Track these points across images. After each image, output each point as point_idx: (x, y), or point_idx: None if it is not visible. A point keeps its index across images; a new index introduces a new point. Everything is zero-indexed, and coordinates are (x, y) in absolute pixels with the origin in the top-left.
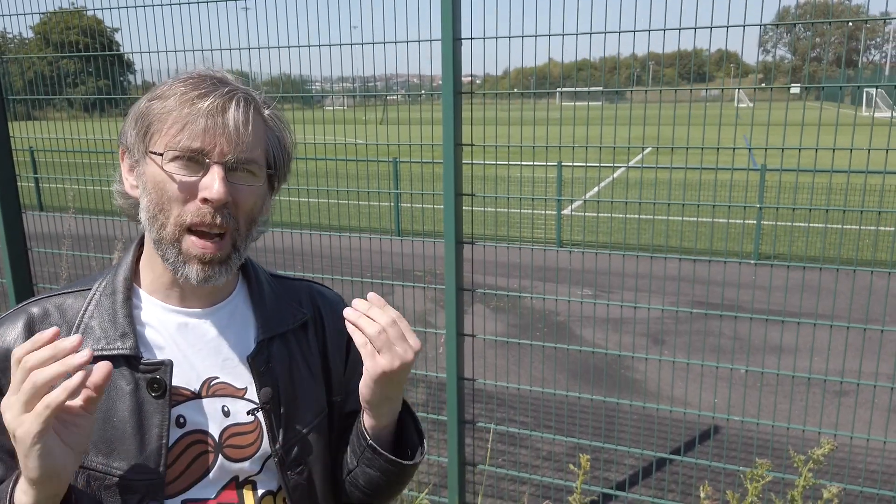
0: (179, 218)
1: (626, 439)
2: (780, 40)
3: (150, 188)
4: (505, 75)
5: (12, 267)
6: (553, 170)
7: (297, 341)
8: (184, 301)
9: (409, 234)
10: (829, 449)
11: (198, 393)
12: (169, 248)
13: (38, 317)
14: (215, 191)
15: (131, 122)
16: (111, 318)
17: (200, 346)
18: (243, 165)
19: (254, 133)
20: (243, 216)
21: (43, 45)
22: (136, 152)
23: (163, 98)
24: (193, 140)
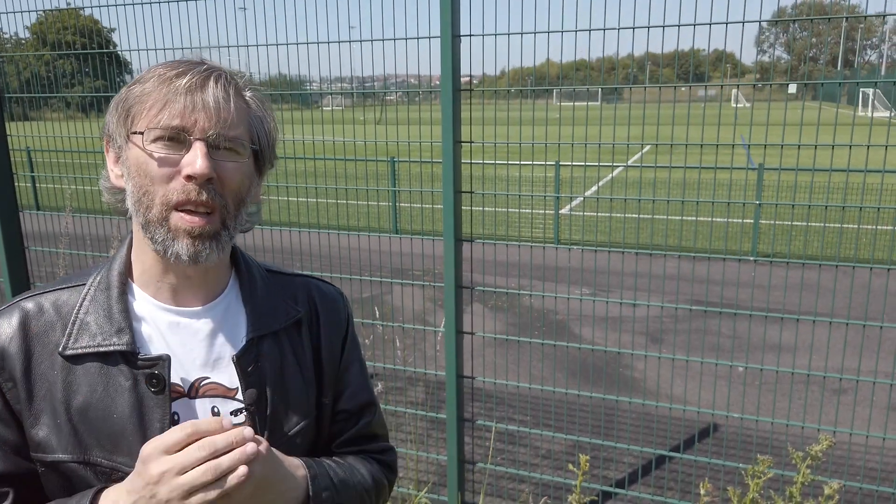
0: (165, 197)
1: (625, 437)
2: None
3: (133, 172)
4: (502, 75)
5: (9, 266)
6: (551, 170)
7: (290, 340)
8: (175, 297)
9: (407, 233)
10: (826, 445)
11: (188, 392)
12: (157, 228)
13: (33, 312)
14: (198, 166)
15: (112, 110)
16: (107, 314)
17: (192, 345)
18: (226, 142)
19: (235, 110)
20: (230, 194)
21: (39, 44)
22: (119, 138)
23: (141, 82)
24: (173, 118)
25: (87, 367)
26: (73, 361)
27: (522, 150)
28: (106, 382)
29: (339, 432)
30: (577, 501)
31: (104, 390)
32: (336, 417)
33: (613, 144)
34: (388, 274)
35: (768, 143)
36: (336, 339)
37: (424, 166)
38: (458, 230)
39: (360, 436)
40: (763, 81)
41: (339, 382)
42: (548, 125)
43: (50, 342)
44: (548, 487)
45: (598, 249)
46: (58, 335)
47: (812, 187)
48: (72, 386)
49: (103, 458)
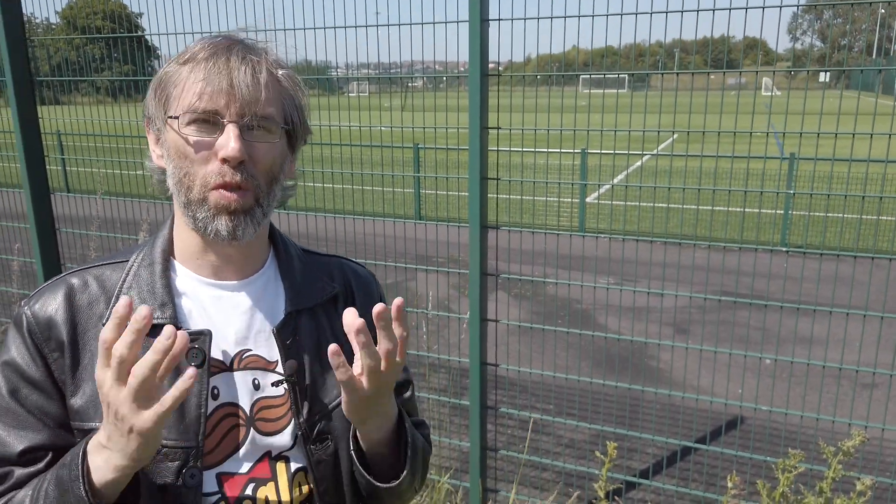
0: (204, 179)
1: (649, 428)
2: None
3: (172, 154)
4: (528, 62)
5: (41, 247)
6: (578, 157)
7: (327, 315)
8: (216, 273)
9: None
10: (859, 441)
11: (230, 365)
12: (198, 207)
13: (78, 287)
14: (231, 149)
15: (151, 92)
16: (150, 289)
17: (233, 318)
18: (258, 123)
19: (267, 91)
20: (262, 173)
21: (69, 29)
22: (158, 121)
23: (178, 64)
24: (206, 101)
25: None
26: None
27: (549, 138)
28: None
29: None
30: (602, 489)
31: None
32: None
33: (643, 132)
34: (412, 260)
35: (802, 132)
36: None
37: (449, 153)
38: (484, 217)
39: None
40: (800, 68)
41: None
42: (576, 112)
43: (94, 314)
44: (570, 476)
45: (625, 238)
46: (102, 308)
47: (849, 177)
48: None
49: None
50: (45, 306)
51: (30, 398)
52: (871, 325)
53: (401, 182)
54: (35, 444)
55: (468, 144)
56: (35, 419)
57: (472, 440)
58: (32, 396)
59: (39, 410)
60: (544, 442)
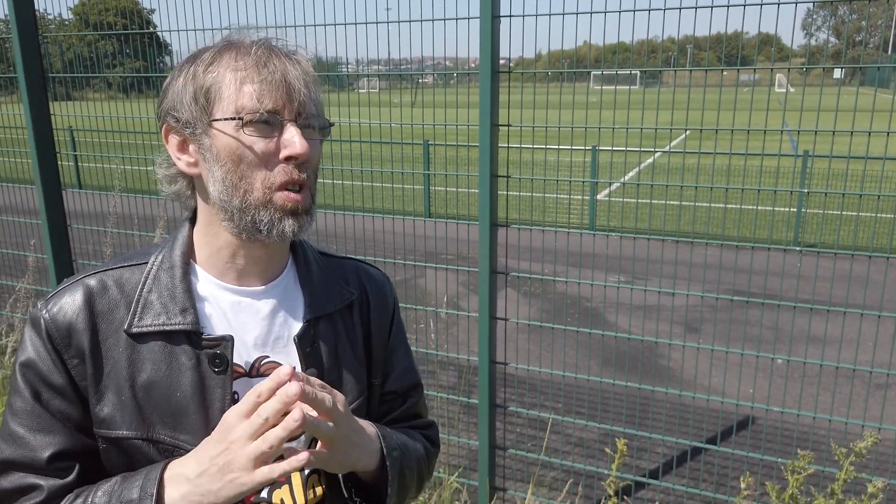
0: (268, 180)
1: (659, 427)
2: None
3: (223, 158)
4: (539, 58)
5: (52, 243)
6: (588, 155)
7: (343, 322)
8: (239, 279)
9: (440, 217)
10: (872, 442)
11: (248, 371)
12: (260, 210)
13: (97, 291)
14: (299, 146)
15: (185, 97)
16: (170, 293)
17: (253, 324)
18: (309, 121)
19: (310, 88)
20: (312, 169)
21: (82, 25)
22: (198, 125)
23: (216, 65)
24: (265, 102)
25: (150, 345)
26: (138, 339)
27: (560, 134)
28: (169, 361)
29: (386, 412)
30: (612, 486)
31: (168, 368)
32: (384, 398)
33: (656, 129)
34: (422, 258)
35: (817, 129)
36: (384, 322)
37: (459, 150)
38: (494, 215)
39: (408, 415)
40: (814, 65)
41: (387, 364)
42: (587, 109)
43: (115, 320)
44: (579, 475)
45: (636, 236)
46: (122, 313)
47: (865, 175)
48: (136, 363)
49: (166, 436)
50: (63, 311)
51: (52, 402)
52: (885, 326)
53: (410, 179)
54: (62, 448)
55: (478, 141)
56: (59, 423)
57: (480, 438)
58: (55, 401)
59: (62, 414)
60: (553, 441)
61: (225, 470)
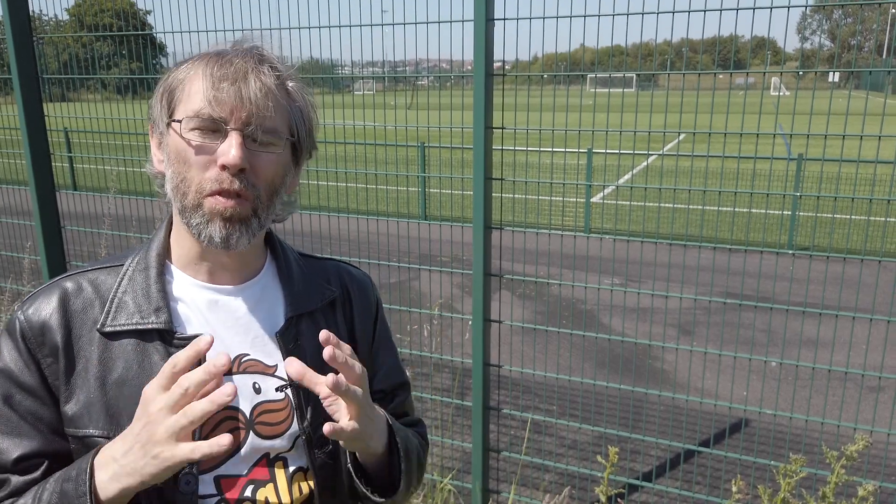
0: (200, 185)
1: (653, 430)
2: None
3: (172, 158)
4: (535, 61)
5: (46, 244)
6: (583, 157)
7: (326, 320)
8: (213, 277)
9: (435, 219)
10: (863, 445)
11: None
12: (193, 213)
13: (73, 292)
14: (231, 156)
15: (157, 96)
16: (145, 293)
17: (231, 322)
18: (263, 134)
19: (274, 102)
20: (264, 184)
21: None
22: (161, 124)
23: (186, 69)
24: (212, 108)
25: (123, 343)
26: (111, 338)
27: (555, 137)
28: (141, 360)
29: None
30: (604, 493)
31: (139, 367)
32: (372, 397)
33: (649, 132)
34: (416, 260)
35: (809, 133)
36: (367, 321)
37: (454, 152)
38: (488, 217)
39: (396, 414)
40: (808, 69)
41: (373, 363)
42: (581, 112)
43: (88, 319)
44: (573, 478)
45: (630, 239)
46: (96, 313)
47: (857, 178)
48: (108, 362)
49: None
50: (38, 311)
51: (23, 404)
52: (877, 329)
53: (406, 181)
54: (30, 450)
55: (472, 144)
56: (29, 426)
57: (474, 441)
58: (26, 402)
59: (33, 416)
60: (547, 443)
61: (147, 446)
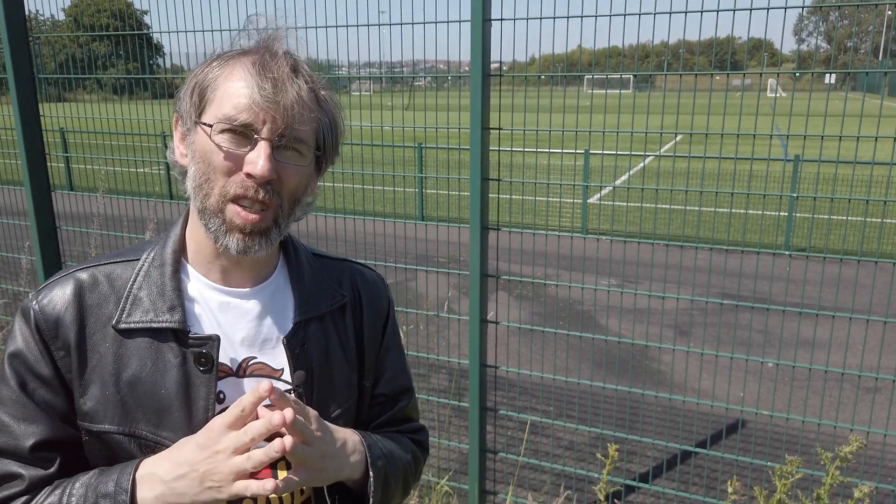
0: (224, 189)
1: (650, 431)
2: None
3: (197, 157)
4: (532, 62)
5: (41, 244)
6: (580, 158)
7: (335, 323)
8: (226, 278)
9: (432, 220)
10: (857, 446)
11: (236, 371)
12: (212, 217)
13: (88, 285)
14: (259, 167)
15: (187, 91)
16: (160, 291)
17: (241, 325)
18: (291, 144)
19: (306, 113)
20: (287, 194)
21: (74, 26)
22: (188, 121)
23: (220, 68)
24: (243, 114)
25: (137, 341)
26: (125, 335)
27: (552, 138)
28: (155, 358)
29: (377, 415)
30: (602, 492)
31: (153, 365)
32: (375, 400)
33: (646, 133)
34: (413, 260)
35: (806, 135)
36: (378, 324)
37: (451, 153)
38: (485, 218)
39: (397, 418)
40: (805, 70)
41: (379, 366)
42: (578, 113)
43: (103, 314)
44: (570, 479)
45: (626, 240)
46: (111, 308)
47: (853, 180)
48: (122, 359)
49: (148, 432)
50: (53, 302)
51: (38, 392)
52: (874, 329)
53: (403, 182)
54: (45, 437)
55: (469, 145)
56: (43, 413)
57: (471, 442)
58: (40, 391)
59: (47, 405)
60: (544, 444)
61: (205, 477)
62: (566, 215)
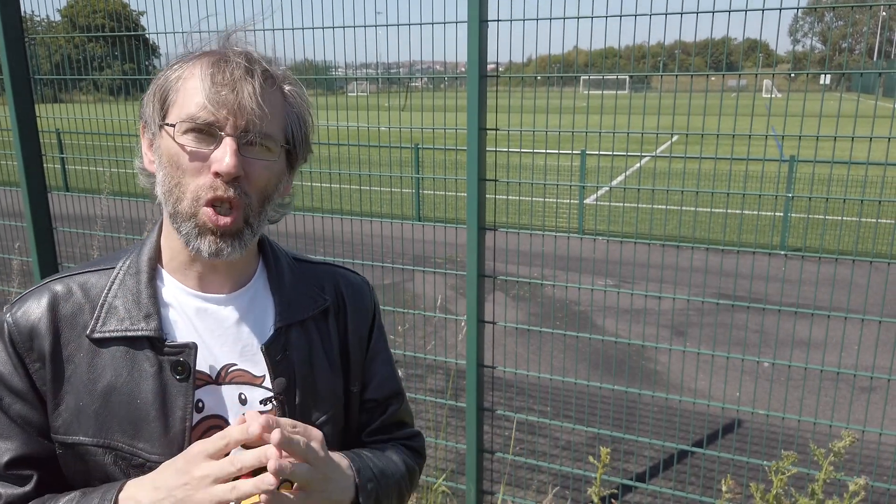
0: (196, 193)
1: (646, 431)
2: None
3: (164, 161)
4: (529, 62)
5: (38, 246)
6: (576, 159)
7: (317, 329)
8: (203, 284)
9: (429, 221)
10: (849, 442)
11: (215, 379)
12: (184, 221)
13: (62, 295)
14: (225, 164)
15: (149, 96)
16: (135, 299)
17: (219, 332)
18: (258, 140)
19: (270, 108)
20: (256, 192)
21: (70, 27)
22: (153, 125)
23: (180, 69)
24: (206, 112)
25: (113, 350)
26: (100, 344)
27: (548, 139)
28: (131, 367)
29: (367, 421)
30: (596, 494)
31: (129, 375)
32: (364, 406)
33: (642, 134)
34: (410, 261)
35: (803, 134)
36: (363, 329)
37: (448, 153)
38: (482, 218)
39: (389, 424)
40: (800, 70)
41: (366, 371)
42: (575, 113)
43: (78, 324)
44: (567, 479)
45: (623, 240)
46: (86, 317)
47: (848, 180)
48: (97, 369)
49: (124, 443)
50: (27, 314)
51: (13, 407)
52: (869, 329)
53: (399, 183)
54: (21, 454)
55: (466, 145)
56: (19, 428)
57: (468, 442)
58: (16, 406)
59: (22, 419)
60: (541, 444)
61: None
62: (563, 216)
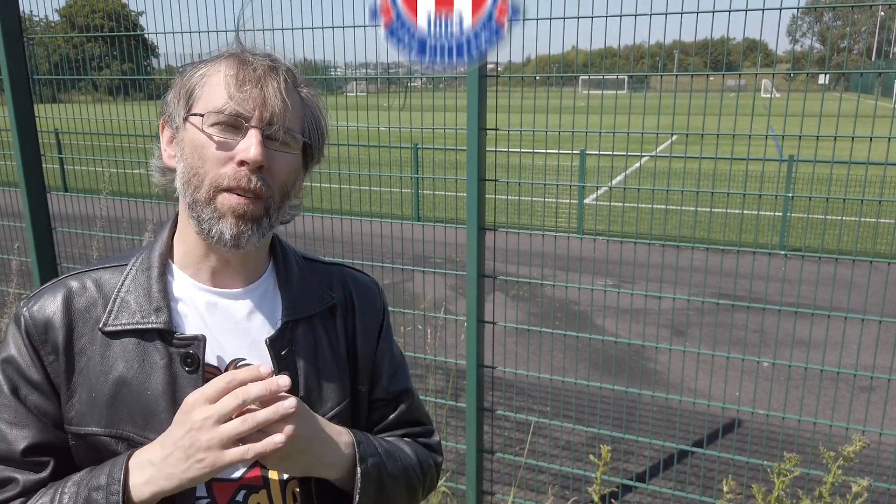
0: (215, 180)
1: (646, 431)
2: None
3: (187, 152)
4: (528, 62)
5: (37, 246)
6: (576, 159)
7: (324, 326)
8: (215, 279)
9: (429, 221)
10: (860, 447)
11: (224, 372)
12: (204, 207)
13: (77, 291)
14: (252, 152)
15: (175, 90)
16: (146, 293)
17: (229, 326)
18: (281, 134)
19: (292, 104)
20: (277, 185)
21: (68, 27)
22: (178, 118)
23: (205, 68)
24: (234, 104)
25: (124, 343)
26: (112, 337)
27: (548, 139)
28: (142, 359)
29: (378, 420)
30: (597, 493)
31: (140, 367)
32: (374, 405)
33: (642, 134)
34: (410, 261)
35: (801, 135)
36: (372, 328)
37: (448, 153)
38: (482, 218)
39: (400, 422)
40: (799, 70)
41: (374, 371)
42: (574, 113)
43: (91, 318)
44: (567, 479)
45: (623, 240)
46: (99, 312)
47: (848, 180)
48: (109, 361)
49: (134, 433)
50: (43, 308)
51: (29, 397)
52: (869, 329)
53: (398, 183)
54: (36, 441)
55: (465, 145)
56: (35, 417)
57: (468, 442)
58: (32, 396)
59: (38, 410)
60: (541, 444)
61: (190, 451)
62: (562, 216)
